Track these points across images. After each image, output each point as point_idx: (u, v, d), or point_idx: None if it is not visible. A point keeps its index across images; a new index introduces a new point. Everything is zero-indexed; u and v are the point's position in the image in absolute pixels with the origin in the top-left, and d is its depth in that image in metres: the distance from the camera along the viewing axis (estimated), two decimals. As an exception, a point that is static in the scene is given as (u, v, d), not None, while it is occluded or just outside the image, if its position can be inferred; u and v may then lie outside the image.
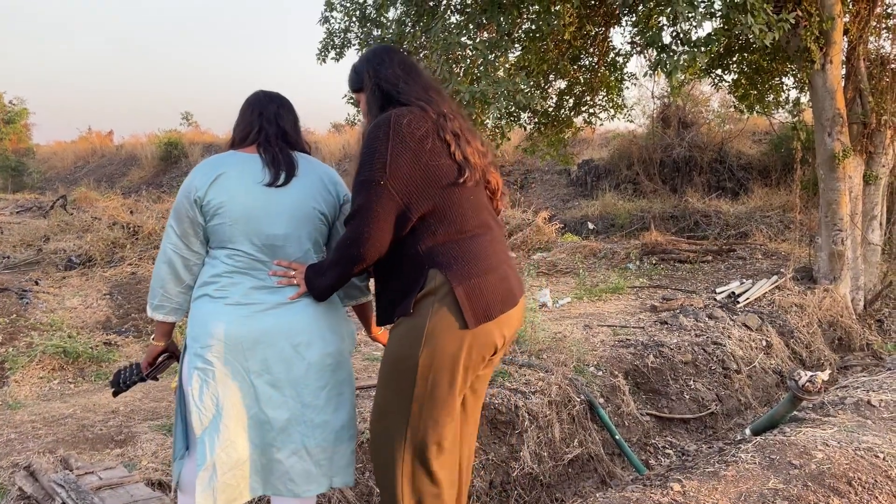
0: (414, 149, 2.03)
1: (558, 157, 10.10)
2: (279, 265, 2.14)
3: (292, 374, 2.09)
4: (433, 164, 2.05)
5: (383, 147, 2.02)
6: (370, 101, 2.21)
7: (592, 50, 9.42)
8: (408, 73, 2.20)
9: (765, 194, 12.69)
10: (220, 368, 2.03)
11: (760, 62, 9.02)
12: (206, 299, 2.09)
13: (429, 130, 2.07)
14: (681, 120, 14.66)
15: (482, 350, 2.08)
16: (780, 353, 6.33)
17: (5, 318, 6.25)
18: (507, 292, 2.12)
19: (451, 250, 2.06)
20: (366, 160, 2.04)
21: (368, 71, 2.22)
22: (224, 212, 2.07)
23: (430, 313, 2.02)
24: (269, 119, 2.20)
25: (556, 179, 16.77)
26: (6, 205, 18.54)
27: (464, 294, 2.02)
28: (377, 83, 2.19)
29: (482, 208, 2.16)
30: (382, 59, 2.22)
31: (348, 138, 22.07)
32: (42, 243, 10.68)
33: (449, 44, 7.04)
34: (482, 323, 2.04)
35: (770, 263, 8.89)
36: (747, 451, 2.82)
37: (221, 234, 2.09)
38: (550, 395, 4.72)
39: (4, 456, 3.65)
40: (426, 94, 2.16)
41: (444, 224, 2.07)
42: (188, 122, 28.98)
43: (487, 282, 2.07)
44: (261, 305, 2.08)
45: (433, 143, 2.06)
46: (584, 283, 8.46)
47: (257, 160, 2.14)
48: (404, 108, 2.10)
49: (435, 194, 2.05)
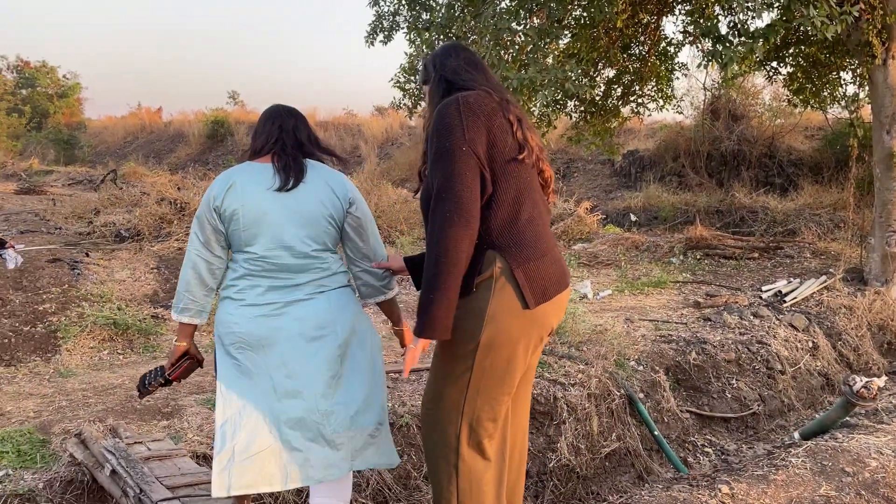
0: (485, 121, 2.10)
1: (604, 148, 9.97)
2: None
3: (307, 367, 2.21)
4: (500, 139, 2.12)
5: (457, 119, 2.08)
6: (433, 90, 2.29)
7: (643, 38, 9.25)
8: (472, 67, 2.30)
9: (815, 191, 12.35)
10: (243, 364, 2.19)
11: (818, 55, 8.76)
12: (228, 301, 2.26)
13: (495, 108, 2.15)
14: (731, 112, 14.32)
15: (540, 330, 2.17)
16: (826, 355, 6.19)
17: (58, 287, 6.43)
18: (560, 274, 2.21)
19: (507, 232, 2.11)
20: (443, 133, 2.08)
21: (434, 63, 2.33)
22: (238, 217, 2.21)
23: (491, 294, 2.08)
24: (289, 131, 2.36)
25: (599, 169, 16.58)
26: (59, 177, 19.05)
27: (524, 276, 2.09)
28: (441, 74, 2.28)
29: (536, 192, 2.22)
30: (448, 54, 2.32)
31: (391, 122, 22.12)
32: (93, 216, 10.95)
33: (499, 29, 6.98)
34: (541, 304, 2.12)
35: (819, 263, 8.67)
36: (798, 455, 2.76)
37: (238, 238, 2.24)
38: (590, 387, 4.69)
39: (56, 423, 3.77)
40: (489, 83, 2.27)
41: (503, 203, 2.11)
42: (234, 101, 29.37)
43: (544, 264, 2.14)
44: (275, 305, 2.21)
45: (500, 120, 2.14)
46: (625, 276, 8.36)
47: (269, 168, 2.27)
48: (469, 92, 2.18)
49: (498, 168, 2.11)
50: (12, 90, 29.64)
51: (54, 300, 6.16)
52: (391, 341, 5.95)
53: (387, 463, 2.35)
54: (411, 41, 8.65)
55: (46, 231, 9.85)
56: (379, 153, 20.27)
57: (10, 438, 3.42)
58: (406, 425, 3.99)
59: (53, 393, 4.47)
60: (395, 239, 10.96)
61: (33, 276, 6.61)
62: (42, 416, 3.93)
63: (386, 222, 11.67)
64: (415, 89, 9.17)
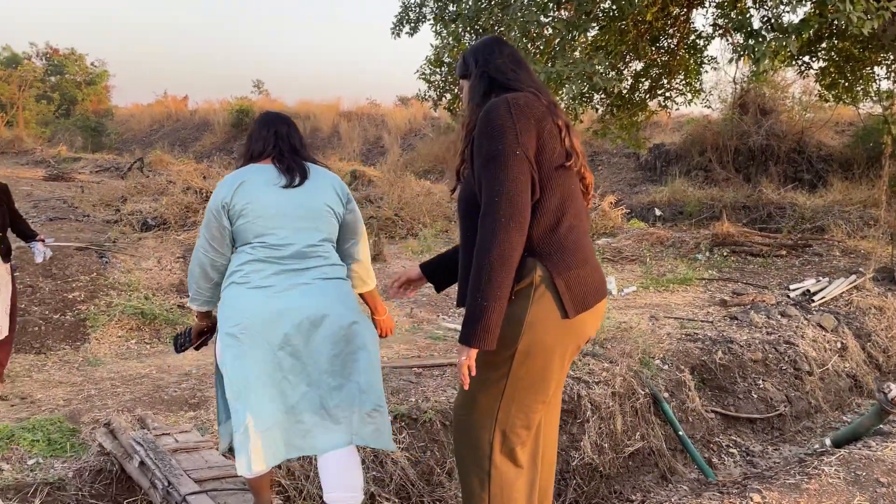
0: (535, 125, 2.06)
1: (630, 141, 9.88)
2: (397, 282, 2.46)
3: (310, 345, 2.32)
4: (549, 145, 2.08)
5: (509, 122, 2.03)
6: (474, 86, 2.23)
7: (673, 31, 9.12)
8: (517, 65, 2.24)
9: (845, 188, 12.14)
10: (247, 344, 2.27)
11: (852, 50, 8.58)
12: (233, 286, 2.38)
13: (544, 113, 2.11)
14: (760, 106, 14.12)
15: (578, 339, 2.15)
16: (855, 356, 6.09)
17: (86, 276, 6.52)
18: (599, 283, 2.17)
19: (549, 240, 2.08)
20: (495, 135, 2.03)
21: (477, 59, 2.25)
22: (248, 211, 2.37)
23: (531, 303, 2.05)
24: (283, 137, 2.54)
25: (623, 163, 16.45)
26: (86, 164, 19.28)
27: (564, 285, 2.06)
28: (484, 70, 2.22)
29: (578, 199, 2.18)
30: (492, 49, 2.26)
31: (415, 112, 22.10)
32: (120, 204, 11.09)
33: (526, 22, 6.92)
34: (580, 313, 2.09)
35: (848, 261, 8.53)
36: (830, 464, 2.72)
37: (246, 231, 2.38)
38: (614, 386, 4.66)
39: (85, 412, 3.83)
40: (534, 84, 2.21)
41: (547, 210, 2.08)
42: (259, 90, 29.49)
43: (584, 273, 2.11)
44: (278, 287, 2.33)
45: (550, 125, 2.10)
46: (650, 272, 8.29)
47: (272, 169, 2.45)
48: (517, 93, 2.13)
49: (546, 172, 2.07)
50: (41, 77, 30.01)
51: (83, 288, 6.25)
52: (414, 335, 5.96)
53: (384, 446, 2.42)
54: (437, 33, 8.61)
55: (74, 218, 9.98)
56: (402, 144, 20.27)
57: (40, 427, 3.48)
58: (430, 421, 3.99)
59: (82, 381, 4.54)
60: (417, 231, 10.97)
61: (62, 265, 6.70)
62: (71, 405, 3.99)
63: (409, 214, 11.68)
64: (440, 81, 9.14)
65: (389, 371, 4.68)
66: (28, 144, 23.41)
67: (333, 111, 23.50)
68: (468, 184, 2.16)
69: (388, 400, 4.13)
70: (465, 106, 2.30)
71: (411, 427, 3.94)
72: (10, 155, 21.50)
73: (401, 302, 7.50)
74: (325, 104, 24.36)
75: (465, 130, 2.20)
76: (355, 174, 14.12)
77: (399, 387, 4.36)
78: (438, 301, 7.43)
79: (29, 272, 6.21)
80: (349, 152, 19.72)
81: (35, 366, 5.08)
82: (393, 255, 9.55)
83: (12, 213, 4.55)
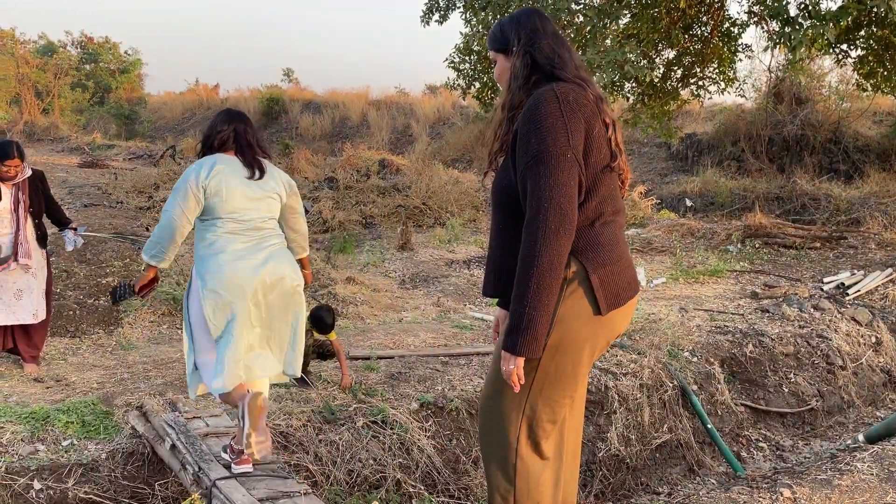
0: (586, 125, 2.00)
1: (661, 131, 9.77)
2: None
3: (269, 298, 2.99)
4: (596, 145, 2.02)
5: (560, 121, 1.95)
6: (518, 68, 2.11)
7: (706, 19, 8.98)
8: (561, 47, 2.12)
9: (882, 179, 11.86)
10: (225, 297, 2.91)
11: (891, 38, 8.37)
12: (211, 255, 2.97)
13: (593, 110, 2.03)
14: (795, 96, 13.82)
15: (608, 336, 2.14)
16: (890, 351, 5.97)
17: (120, 261, 6.63)
18: (633, 279, 2.15)
19: (586, 236, 2.04)
20: (545, 134, 1.95)
21: (520, 35, 2.13)
22: (221, 192, 2.96)
23: (563, 298, 2.02)
24: (241, 133, 3.08)
25: (654, 152, 16.23)
26: (120, 151, 19.57)
27: (598, 281, 2.03)
28: (529, 51, 2.10)
29: (617, 195, 2.14)
30: (536, 27, 2.13)
31: (443, 101, 22.03)
32: (153, 191, 11.24)
33: (557, 10, 6.86)
34: (612, 310, 2.07)
35: (884, 255, 8.34)
36: (863, 460, 2.67)
37: (217, 208, 2.97)
38: (642, 377, 4.63)
39: (118, 395, 3.90)
40: (581, 74, 2.11)
41: (587, 209, 2.04)
42: (289, 79, 29.56)
43: (619, 269, 2.09)
44: (248, 254, 2.98)
45: (598, 125, 2.03)
46: (680, 264, 8.20)
47: (237, 161, 3.05)
48: (565, 84, 2.04)
49: (592, 174, 2.03)
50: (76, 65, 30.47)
51: (116, 273, 6.36)
52: (441, 324, 5.98)
53: (293, 374, 3.18)
54: (467, 21, 8.58)
55: (108, 205, 10.14)
56: (430, 133, 20.24)
57: (75, 409, 3.56)
58: (456, 409, 4.00)
59: (115, 365, 4.63)
60: (445, 220, 10.96)
61: (96, 250, 6.82)
62: (105, 388, 4.07)
63: (437, 203, 11.67)
64: (469, 70, 9.11)
65: (416, 360, 4.70)
66: (63, 132, 23.81)
67: (362, 100, 23.52)
68: (506, 172, 2.10)
69: (415, 388, 4.15)
70: (503, 83, 2.19)
71: (437, 415, 3.96)
72: (46, 142, 21.90)
73: (427, 290, 7.52)
74: (353, 93, 24.38)
75: (505, 112, 2.12)
76: (383, 163, 14.14)
77: (426, 375, 4.38)
78: (466, 290, 7.44)
79: (64, 257, 6.33)
80: (378, 141, 19.74)
81: (70, 349, 5.19)
82: (421, 244, 9.56)
83: (48, 199, 4.63)
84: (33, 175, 4.49)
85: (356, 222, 11.02)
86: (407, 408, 3.88)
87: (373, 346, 5.06)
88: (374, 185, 12.52)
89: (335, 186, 12.54)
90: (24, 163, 4.38)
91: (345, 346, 4.96)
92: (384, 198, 11.96)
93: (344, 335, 5.46)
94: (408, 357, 4.77)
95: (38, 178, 4.54)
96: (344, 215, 11.06)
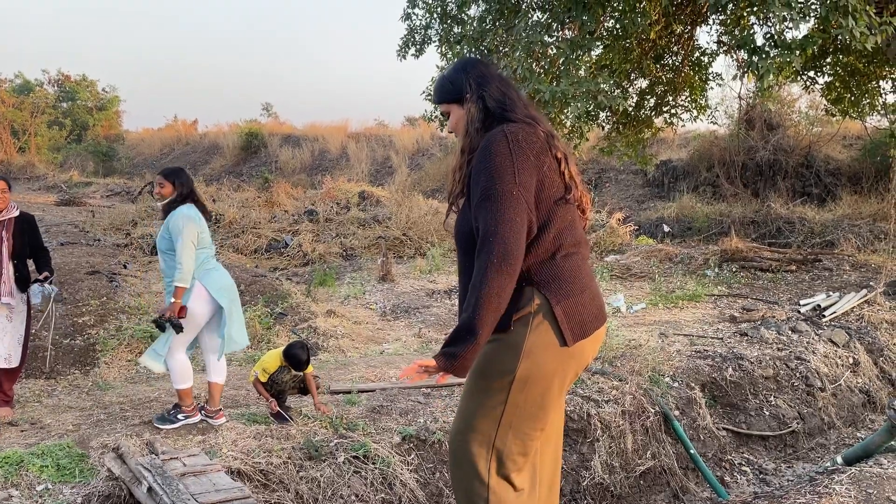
0: (534, 162, 2.07)
1: (636, 158, 9.89)
2: None
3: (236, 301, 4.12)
4: (548, 180, 2.09)
5: (508, 160, 2.03)
6: (473, 113, 2.19)
7: (677, 49, 9.16)
8: (508, 88, 2.22)
9: (854, 202, 12.09)
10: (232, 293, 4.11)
11: (856, 65, 8.60)
12: (211, 271, 4.03)
13: (543, 146, 2.11)
14: (766, 122, 14.11)
15: (577, 367, 2.16)
16: (867, 371, 6.03)
17: (97, 300, 6.55)
18: (598, 309, 2.17)
19: (547, 269, 2.09)
20: (494, 173, 2.03)
21: (470, 84, 2.21)
22: (204, 233, 4.03)
23: (529, 331, 2.06)
24: (190, 185, 4.12)
25: (631, 179, 16.44)
26: (98, 188, 19.47)
27: (563, 313, 2.07)
28: (482, 96, 2.19)
29: (576, 227, 2.18)
30: (483, 74, 2.22)
31: (422, 133, 22.22)
32: (130, 227, 11.17)
33: (531, 42, 6.97)
34: (579, 340, 2.09)
35: (858, 276, 8.47)
36: (841, 482, 2.69)
37: (204, 241, 4.03)
38: (624, 404, 4.63)
39: (94, 436, 3.83)
40: (530, 112, 2.20)
41: (544, 242, 2.08)
42: (268, 113, 29.74)
43: (584, 300, 2.12)
44: (222, 270, 4.15)
45: (549, 160, 2.10)
46: (659, 289, 8.27)
47: (196, 209, 4.06)
48: (514, 125, 2.12)
49: (545, 209, 2.08)
50: (53, 104, 30.40)
51: (93, 312, 6.28)
52: (423, 355, 5.95)
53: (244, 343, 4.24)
54: (443, 54, 8.69)
55: (86, 243, 10.05)
56: (410, 164, 20.36)
57: (50, 452, 3.49)
58: (438, 442, 3.98)
59: (92, 406, 4.55)
60: (425, 251, 10.98)
61: (73, 289, 6.74)
62: (81, 430, 4.00)
63: (417, 234, 11.71)
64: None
65: (398, 392, 4.67)
66: (40, 170, 23.67)
67: (342, 132, 23.67)
68: (465, 217, 2.15)
69: (397, 421, 4.12)
70: (460, 131, 2.26)
71: (420, 448, 3.93)
72: (22, 180, 21.73)
73: (409, 321, 7.50)
74: (333, 126, 24.56)
75: (465, 156, 2.18)
76: (363, 195, 14.18)
77: (407, 407, 4.35)
78: (447, 320, 7.43)
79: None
80: (357, 173, 19.82)
81: (45, 391, 5.10)
82: (401, 275, 9.56)
83: (36, 245, 4.54)
84: (21, 217, 4.44)
85: (336, 254, 11.01)
86: (389, 441, 3.85)
87: (354, 380, 5.03)
88: (354, 217, 12.54)
89: (315, 219, 12.54)
90: (10, 192, 4.36)
91: (325, 380, 4.93)
92: (364, 229, 11.97)
93: (325, 369, 5.42)
94: (389, 389, 4.75)
95: (25, 221, 4.48)
96: (324, 247, 11.06)
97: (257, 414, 4.19)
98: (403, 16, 8.78)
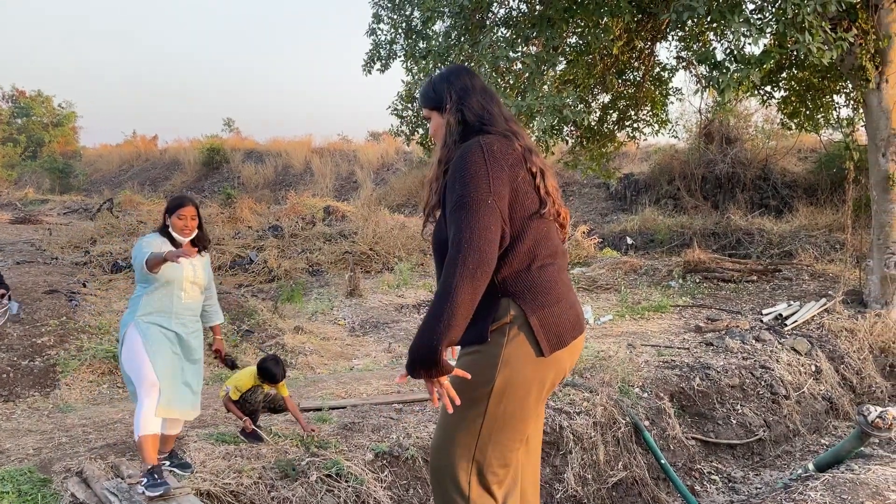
0: (509, 173, 2.07)
1: (600, 172, 10.02)
2: None
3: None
4: (522, 192, 2.09)
5: (483, 169, 2.04)
6: (452, 125, 2.21)
7: (638, 64, 9.34)
8: (490, 102, 2.23)
9: (810, 213, 12.41)
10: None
11: (812, 80, 8.85)
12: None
13: (518, 159, 2.11)
14: (724, 136, 14.44)
15: (555, 377, 2.15)
16: (829, 379, 6.17)
17: (56, 320, 6.37)
18: (576, 319, 2.17)
19: (522, 280, 2.09)
20: (468, 182, 2.04)
21: (450, 93, 2.23)
22: None
23: (506, 342, 2.06)
24: None
25: (594, 193, 16.65)
26: (54, 206, 19.01)
27: (538, 323, 2.07)
28: (461, 109, 2.20)
29: (553, 239, 2.18)
30: (465, 85, 2.24)
31: (386, 147, 22.21)
32: (89, 245, 10.91)
33: (496, 57, 7.04)
34: (556, 350, 2.09)
35: (817, 285, 8.68)
36: (816, 489, 2.73)
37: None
38: (595, 416, 4.65)
39: (56, 461, 3.71)
40: (508, 126, 2.21)
41: (518, 253, 2.09)
42: (230, 129, 29.43)
43: (559, 310, 2.11)
44: None
45: (523, 173, 2.11)
46: (625, 301, 8.35)
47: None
48: (491, 136, 2.13)
49: (519, 221, 2.08)
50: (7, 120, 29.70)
51: (52, 333, 6.11)
52: (393, 370, 5.91)
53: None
54: (408, 69, 8.72)
55: (42, 262, 9.80)
56: (375, 179, 20.33)
57: (10, 478, 3.36)
58: (412, 458, 3.94)
59: (53, 429, 4.41)
60: (393, 265, 10.94)
61: (31, 309, 6.56)
62: (42, 454, 3.87)
63: (384, 248, 11.66)
64: (412, 116, 9.22)
65: (369, 408, 4.62)
66: (-7, 188, 23.03)
67: (305, 147, 23.53)
68: (440, 228, 2.15)
69: (370, 437, 4.07)
70: (439, 139, 2.27)
71: (393, 465, 3.88)
72: (-26, 198, 21.11)
73: (378, 336, 7.44)
74: (296, 141, 24.40)
75: (441, 167, 2.19)
76: (329, 210, 14.10)
77: (380, 424, 4.30)
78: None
79: (-4, 318, 6.06)
80: (322, 188, 19.72)
81: (3, 414, 4.93)
82: (369, 290, 9.50)
83: None
84: None
85: (303, 270, 10.90)
86: (362, 459, 3.80)
87: (324, 396, 4.96)
88: (319, 233, 12.45)
89: (280, 234, 12.42)
90: None
91: (295, 398, 4.85)
92: (330, 244, 11.89)
93: (294, 386, 5.34)
94: (361, 406, 4.69)
95: None
96: (290, 263, 10.94)
97: (226, 433, 4.10)
98: (368, 31, 8.79)
